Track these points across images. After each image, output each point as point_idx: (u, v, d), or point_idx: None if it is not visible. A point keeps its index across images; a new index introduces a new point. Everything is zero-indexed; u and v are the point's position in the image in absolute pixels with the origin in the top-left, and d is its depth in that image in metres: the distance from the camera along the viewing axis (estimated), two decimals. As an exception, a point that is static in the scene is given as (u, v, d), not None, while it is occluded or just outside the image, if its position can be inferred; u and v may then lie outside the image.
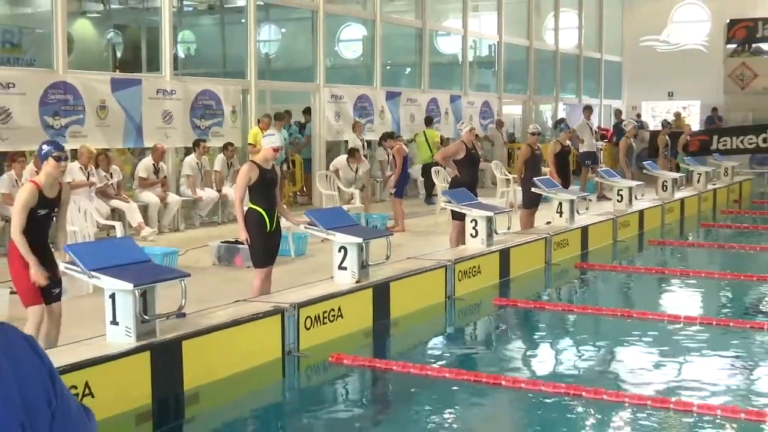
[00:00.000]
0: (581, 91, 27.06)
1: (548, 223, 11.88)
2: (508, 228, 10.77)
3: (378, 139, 17.08)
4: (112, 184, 12.54)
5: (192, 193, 13.79)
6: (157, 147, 13.37)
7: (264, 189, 7.47)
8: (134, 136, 13.45)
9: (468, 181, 10.54)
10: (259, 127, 14.31)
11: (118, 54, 21.27)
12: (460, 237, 10.20)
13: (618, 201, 13.59)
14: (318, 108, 17.11)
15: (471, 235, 9.78)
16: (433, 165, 15.00)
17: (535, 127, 12.65)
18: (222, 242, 10.77)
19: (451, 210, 10.27)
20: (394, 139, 14.67)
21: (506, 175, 17.07)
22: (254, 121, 15.23)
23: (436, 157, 11.01)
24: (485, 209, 9.90)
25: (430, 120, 18.54)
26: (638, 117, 26.22)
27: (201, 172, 14.05)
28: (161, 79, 14.06)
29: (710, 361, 6.99)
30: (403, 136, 18.59)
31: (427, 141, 17.55)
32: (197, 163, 13.97)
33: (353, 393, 6.63)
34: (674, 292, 9.94)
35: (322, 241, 8.70)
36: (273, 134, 7.80)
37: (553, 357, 7.37)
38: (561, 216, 11.71)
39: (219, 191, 14.11)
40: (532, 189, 11.68)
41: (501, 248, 9.78)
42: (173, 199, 13.44)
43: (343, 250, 7.69)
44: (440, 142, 17.57)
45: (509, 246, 9.96)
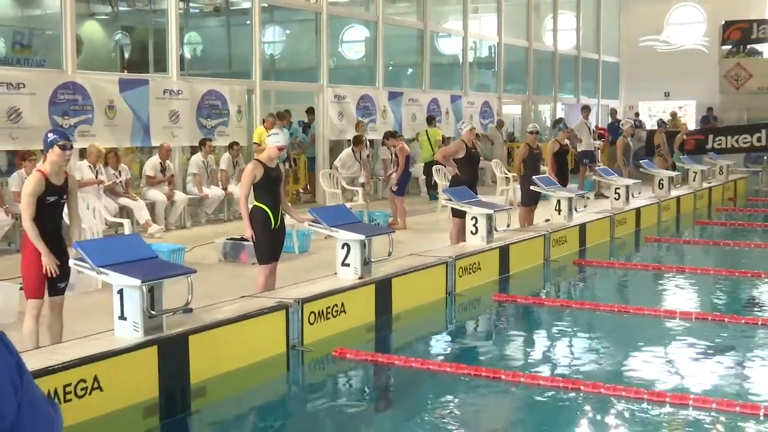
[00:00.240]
0: (579, 91, 27.07)
1: (547, 220, 11.88)
2: (508, 225, 10.77)
3: (381, 138, 17.08)
4: (120, 182, 12.55)
5: (198, 191, 13.81)
6: (164, 146, 13.39)
7: (269, 187, 7.47)
8: (142, 136, 13.46)
9: (468, 180, 10.54)
10: (264, 126, 14.32)
11: (126, 55, 21.26)
12: (461, 234, 10.20)
13: (615, 199, 13.58)
14: (321, 108, 17.12)
15: (471, 232, 9.78)
16: (435, 163, 15.00)
17: (533, 127, 12.64)
18: (228, 239, 10.77)
19: (451, 208, 10.27)
20: (396, 138, 14.68)
21: (506, 174, 17.07)
22: (259, 121, 15.24)
23: (436, 156, 11.02)
24: (485, 207, 9.89)
25: (431, 119, 18.54)
26: (636, 116, 26.21)
27: (207, 171, 14.06)
28: (168, 79, 14.06)
29: (705, 355, 6.98)
30: (404, 135, 18.62)
31: (429, 140, 17.55)
32: (203, 161, 13.99)
33: (356, 387, 6.63)
34: (670, 288, 9.93)
35: (326, 238, 8.71)
36: (277, 133, 7.79)
37: (552, 352, 7.37)
38: (559, 214, 11.70)
39: (225, 189, 14.13)
40: (531, 187, 11.68)
41: (501, 245, 9.78)
42: (180, 197, 13.45)
43: (346, 247, 7.68)
44: (441, 140, 17.56)
45: (509, 243, 9.96)
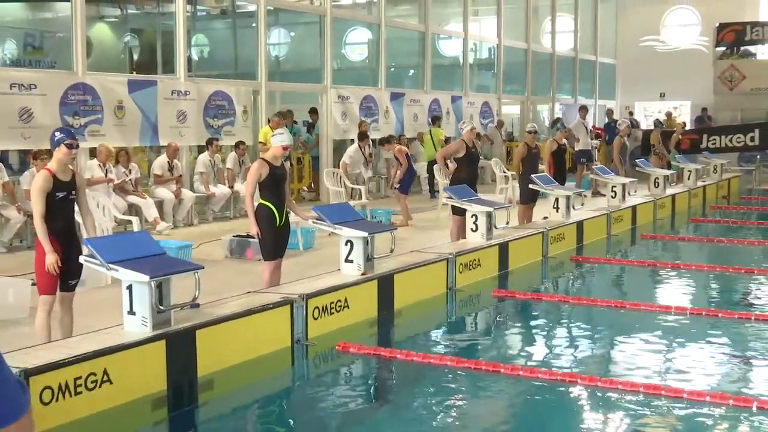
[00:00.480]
0: (577, 92, 27.05)
1: (545, 218, 11.87)
2: (507, 223, 10.76)
3: (379, 139, 17.09)
4: (130, 180, 12.57)
5: (205, 190, 13.82)
6: (171, 145, 13.40)
7: (274, 185, 7.47)
8: (150, 135, 13.47)
9: (468, 178, 10.54)
10: (269, 126, 14.32)
11: (135, 56, 21.27)
12: (461, 231, 10.21)
13: (612, 197, 13.58)
14: (325, 108, 17.11)
15: (471, 229, 9.78)
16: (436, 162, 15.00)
17: (532, 126, 12.63)
18: (234, 236, 10.78)
19: (451, 205, 10.27)
20: (392, 143, 14.68)
21: (505, 173, 17.07)
22: (264, 121, 15.24)
23: (436, 156, 11.01)
24: (485, 205, 9.89)
25: (436, 119, 18.58)
26: (630, 115, 26.18)
27: (214, 170, 14.07)
28: (176, 80, 14.07)
29: (700, 349, 6.98)
30: (406, 135, 18.64)
31: (432, 139, 17.57)
32: (210, 160, 14.00)
33: (359, 380, 6.63)
34: (665, 284, 9.93)
35: (330, 235, 8.70)
36: (282, 133, 7.78)
37: (550, 346, 7.37)
38: (557, 211, 11.70)
39: (231, 187, 14.14)
40: (530, 185, 11.68)
41: (500, 242, 9.78)
42: (187, 195, 13.46)
43: (349, 244, 7.69)
44: (444, 141, 17.55)
45: (508, 240, 9.96)
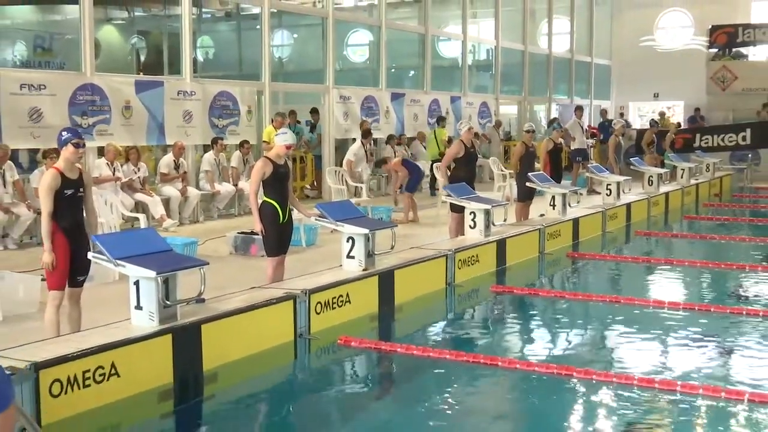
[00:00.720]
0: (573, 92, 27.02)
1: (542, 215, 11.86)
2: (505, 220, 10.76)
3: (385, 138, 17.08)
4: (138, 178, 12.57)
5: (210, 188, 13.81)
6: (177, 144, 13.40)
7: (277, 183, 7.46)
8: (157, 134, 13.47)
9: (466, 177, 10.52)
10: (273, 125, 14.32)
11: (142, 58, 21.27)
12: (459, 228, 10.20)
13: (607, 195, 13.57)
14: (327, 108, 17.10)
15: (470, 226, 9.77)
16: (438, 161, 15.01)
17: (530, 126, 12.61)
18: (238, 233, 10.77)
19: (450, 203, 10.26)
20: (386, 162, 14.64)
21: (503, 171, 17.05)
22: (268, 120, 15.23)
23: (441, 164, 11.00)
24: (483, 202, 9.88)
25: (441, 119, 18.61)
26: (621, 116, 26.16)
27: (219, 168, 14.07)
28: (182, 81, 14.06)
29: (692, 343, 6.98)
30: (406, 134, 18.64)
31: (436, 139, 17.58)
32: (215, 159, 13.99)
33: (360, 373, 6.63)
34: (659, 280, 9.92)
35: (332, 232, 8.70)
36: (286, 132, 7.77)
37: (546, 340, 7.36)
38: (554, 209, 11.69)
39: (235, 185, 14.13)
40: (527, 183, 11.67)
41: (498, 239, 9.77)
42: (193, 192, 13.46)
43: (351, 241, 7.68)
44: (447, 140, 17.54)
45: (505, 236, 9.95)
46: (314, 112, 17.64)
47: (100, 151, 12.47)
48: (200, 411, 5.76)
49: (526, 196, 11.95)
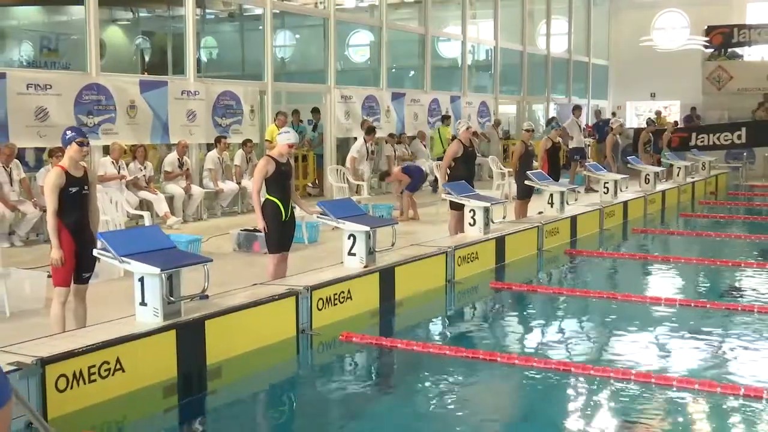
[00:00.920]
0: (570, 92, 27.00)
1: (540, 213, 11.85)
2: (504, 217, 10.75)
3: (385, 137, 17.08)
4: (144, 176, 12.58)
5: (214, 186, 13.81)
6: (180, 142, 13.40)
7: (279, 181, 7.46)
8: (161, 133, 13.46)
9: (465, 175, 10.50)
10: (276, 124, 14.31)
11: (146, 58, 21.26)
12: (459, 225, 10.20)
13: (604, 193, 13.56)
14: (329, 108, 17.09)
15: (469, 223, 9.77)
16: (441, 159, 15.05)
17: (529, 125, 12.60)
18: (241, 230, 10.77)
19: (450, 201, 10.25)
20: (389, 174, 14.58)
21: (501, 169, 17.04)
22: (271, 119, 15.23)
23: (442, 165, 11.00)
24: (483, 200, 9.88)
25: (446, 118, 18.60)
26: (614, 115, 26.14)
27: (222, 166, 14.06)
28: (186, 81, 14.05)
29: (688, 339, 6.97)
30: (407, 133, 18.63)
31: (441, 137, 17.59)
32: (219, 157, 13.99)
33: (361, 368, 6.63)
34: (656, 277, 9.92)
35: (333, 229, 8.69)
36: (288, 131, 7.76)
37: (545, 336, 7.36)
38: (552, 206, 11.69)
39: (239, 184, 14.13)
40: (525, 181, 11.66)
41: (497, 236, 9.77)
42: (197, 190, 13.46)
43: (352, 238, 7.68)
44: (451, 138, 17.55)
45: (504, 234, 9.94)
46: (315, 111, 17.64)
47: (106, 150, 12.47)
48: (204, 405, 5.77)
49: (525, 194, 11.94)
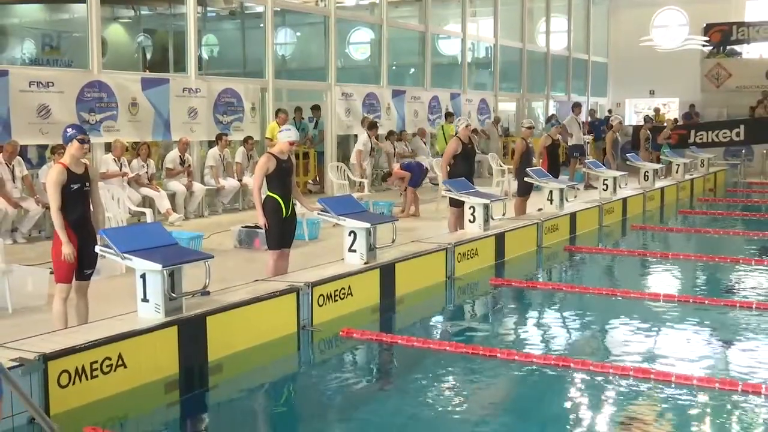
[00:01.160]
0: (570, 89, 26.98)
1: (540, 209, 11.85)
2: (503, 214, 10.75)
3: (385, 135, 17.05)
4: (146, 173, 12.57)
5: (215, 183, 13.81)
6: (182, 140, 13.40)
7: (280, 178, 7.45)
8: (162, 131, 13.46)
9: (465, 172, 10.49)
10: (277, 122, 14.30)
11: (148, 56, 21.23)
12: (458, 222, 10.20)
13: (603, 190, 13.55)
14: (329, 105, 17.08)
15: (469, 220, 9.76)
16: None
17: (529, 122, 12.57)
18: (242, 227, 10.77)
19: (449, 197, 10.24)
20: (390, 175, 14.54)
21: (501, 166, 17.03)
22: (271, 117, 15.22)
23: (441, 163, 10.98)
24: (482, 197, 9.87)
25: (450, 115, 18.61)
26: (609, 112, 26.13)
27: (223, 164, 14.06)
28: (187, 78, 14.04)
29: (687, 335, 6.98)
30: (407, 131, 18.63)
31: (444, 134, 17.60)
32: (220, 155, 13.98)
33: (361, 364, 6.63)
34: (655, 273, 9.91)
35: (334, 226, 8.68)
36: (289, 129, 7.75)
37: (544, 332, 7.36)
38: (551, 203, 11.69)
39: (240, 181, 14.12)
40: (525, 178, 11.65)
41: (497, 232, 9.76)
42: (198, 187, 13.45)
43: (352, 234, 7.68)
44: (454, 135, 17.55)
45: (504, 230, 9.94)
46: (315, 108, 17.64)
47: (108, 147, 12.46)
48: (205, 401, 5.77)
49: (525, 191, 11.93)
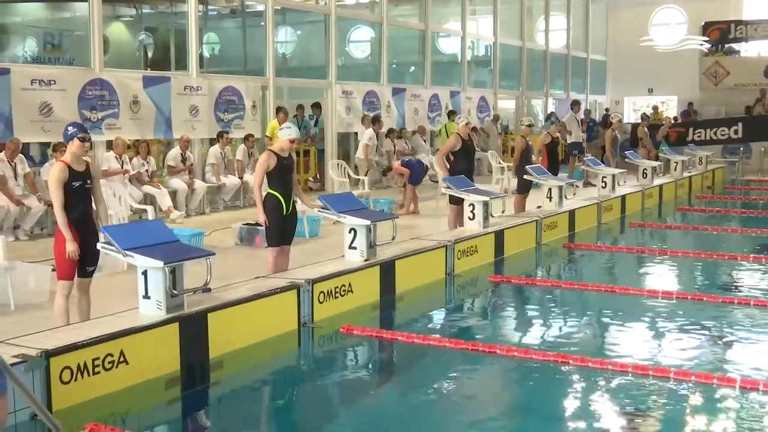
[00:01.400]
0: (569, 87, 26.96)
1: (539, 207, 11.84)
2: (503, 211, 10.75)
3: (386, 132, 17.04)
4: (147, 171, 12.57)
5: (216, 180, 13.80)
6: (183, 137, 13.39)
7: (281, 176, 7.44)
8: (164, 128, 13.45)
9: (464, 170, 10.48)
10: (278, 120, 14.30)
11: (149, 54, 21.22)
12: (458, 219, 10.19)
13: (602, 187, 13.55)
14: (330, 103, 17.07)
15: (469, 217, 9.77)
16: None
17: (529, 120, 12.55)
18: (243, 224, 10.77)
19: (449, 195, 10.24)
20: (391, 169, 14.56)
21: (501, 164, 17.02)
22: (272, 115, 15.21)
23: (437, 156, 10.97)
24: (482, 194, 9.88)
25: (453, 113, 18.62)
26: (606, 111, 26.08)
27: (224, 161, 14.05)
28: (188, 76, 14.03)
29: (685, 331, 6.97)
30: (407, 128, 18.62)
31: (447, 132, 17.61)
32: (221, 152, 13.98)
33: (362, 360, 6.63)
34: (653, 270, 9.91)
35: (334, 223, 8.69)
36: (290, 126, 7.74)
37: (543, 328, 7.36)
38: (551, 201, 11.69)
39: (241, 178, 14.12)
40: (524, 176, 11.65)
41: (496, 230, 9.76)
42: (199, 185, 13.45)
43: (353, 232, 7.68)
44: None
45: (503, 228, 9.94)
46: (316, 106, 17.63)
47: (109, 145, 12.46)
48: (206, 397, 5.77)
49: (525, 188, 11.93)
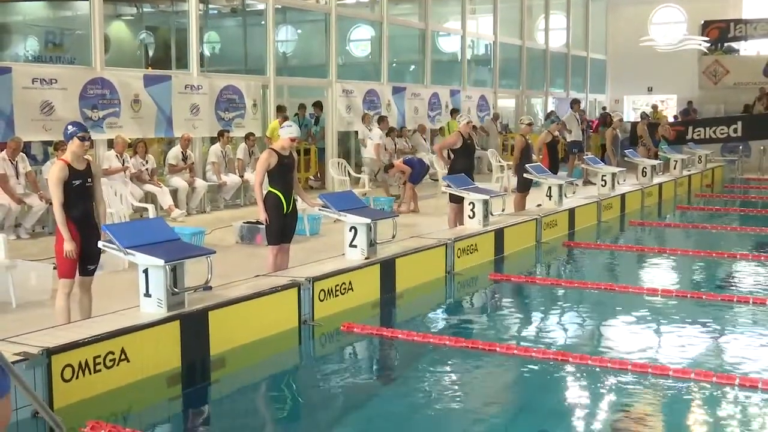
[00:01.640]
0: (569, 86, 26.96)
1: (539, 205, 11.84)
2: (503, 210, 10.75)
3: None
4: (147, 169, 12.57)
5: (217, 179, 13.80)
6: (184, 136, 13.39)
7: (281, 174, 7.44)
8: (165, 127, 13.45)
9: (465, 168, 10.48)
10: (278, 120, 14.30)
11: (150, 53, 21.21)
12: (458, 218, 10.19)
13: (602, 185, 13.55)
14: (330, 102, 17.07)
15: (469, 216, 9.76)
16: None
17: (528, 119, 12.54)
18: (244, 223, 10.77)
19: (449, 193, 10.24)
20: (393, 166, 14.57)
21: (501, 162, 17.02)
22: (273, 114, 15.21)
23: (434, 147, 10.98)
24: (482, 193, 9.87)
25: (455, 111, 18.63)
26: (604, 109, 26.10)
27: (225, 160, 14.06)
28: (189, 75, 14.03)
29: (685, 329, 6.97)
30: (407, 127, 18.62)
31: (449, 130, 17.64)
32: (221, 151, 13.98)
33: (362, 358, 6.63)
34: (652, 268, 9.91)
35: (335, 221, 8.69)
36: (291, 125, 7.74)
37: (543, 326, 7.36)
38: (550, 199, 11.69)
39: (241, 177, 14.12)
40: (525, 174, 11.64)
41: (496, 228, 9.76)
42: (200, 183, 13.45)
43: (353, 230, 7.68)
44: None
45: (503, 226, 9.94)
46: (317, 105, 17.63)
47: (111, 144, 12.46)
48: (207, 395, 5.77)
49: (525, 187, 11.92)
